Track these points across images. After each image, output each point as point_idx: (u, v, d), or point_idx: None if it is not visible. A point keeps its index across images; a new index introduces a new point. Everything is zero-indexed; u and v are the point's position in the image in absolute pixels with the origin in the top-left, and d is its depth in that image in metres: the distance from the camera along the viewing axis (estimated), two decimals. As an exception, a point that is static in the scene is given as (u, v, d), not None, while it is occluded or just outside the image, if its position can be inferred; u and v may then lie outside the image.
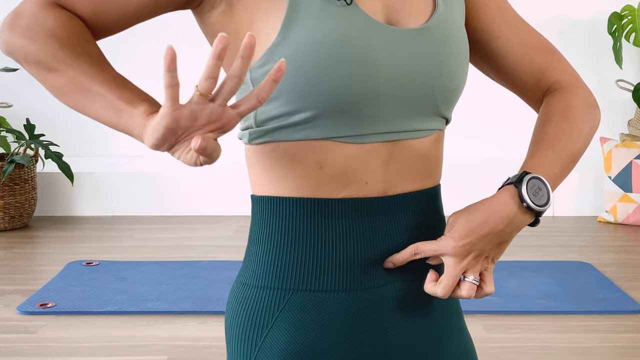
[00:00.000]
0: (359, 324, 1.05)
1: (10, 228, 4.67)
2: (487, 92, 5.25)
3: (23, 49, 0.97)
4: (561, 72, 1.14)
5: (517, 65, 1.14)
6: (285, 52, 0.97)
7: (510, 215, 1.02)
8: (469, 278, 1.03)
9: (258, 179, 1.07)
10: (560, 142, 1.08)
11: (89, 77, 0.96)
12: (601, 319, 3.20)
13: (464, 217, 1.03)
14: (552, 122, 1.09)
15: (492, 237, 1.02)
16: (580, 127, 1.10)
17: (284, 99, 0.99)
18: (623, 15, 4.85)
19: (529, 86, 1.15)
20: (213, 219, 4.83)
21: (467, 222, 1.02)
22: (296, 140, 1.01)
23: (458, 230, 1.02)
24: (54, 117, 5.03)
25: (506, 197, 1.02)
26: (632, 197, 4.64)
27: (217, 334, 3.03)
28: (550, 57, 1.14)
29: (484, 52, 1.15)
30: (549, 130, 1.09)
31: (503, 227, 1.02)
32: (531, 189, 1.02)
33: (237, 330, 1.07)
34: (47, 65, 0.97)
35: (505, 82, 1.17)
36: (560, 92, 1.12)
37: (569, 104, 1.11)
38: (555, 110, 1.11)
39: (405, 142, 1.05)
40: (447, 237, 1.03)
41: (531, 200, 1.01)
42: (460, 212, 1.04)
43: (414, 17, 1.04)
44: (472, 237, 1.02)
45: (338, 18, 0.98)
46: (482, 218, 1.02)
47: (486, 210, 1.02)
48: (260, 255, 1.07)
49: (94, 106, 0.96)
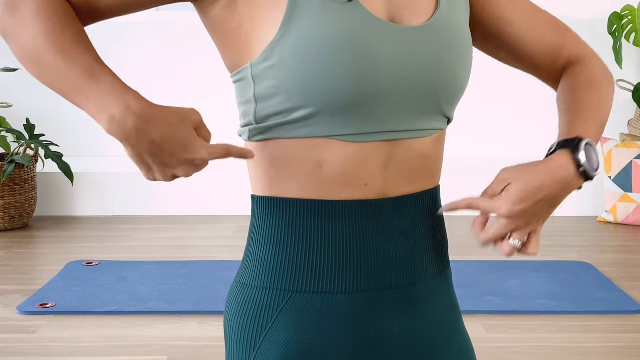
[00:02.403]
0: (358, 326, 1.05)
1: (10, 228, 4.66)
2: (486, 91, 5.24)
3: (18, 37, 0.96)
4: (577, 47, 1.18)
5: (533, 47, 1.17)
6: (286, 48, 0.97)
7: (568, 180, 1.04)
8: (515, 242, 1.05)
9: (258, 178, 1.07)
10: (595, 109, 1.12)
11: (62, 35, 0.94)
12: (601, 319, 3.20)
13: (521, 180, 1.04)
14: (582, 91, 1.13)
15: (547, 202, 1.05)
16: (606, 95, 1.15)
17: (284, 96, 0.99)
18: (623, 15, 4.84)
19: (546, 65, 1.18)
20: (213, 219, 4.83)
21: (525, 186, 1.03)
22: (296, 137, 1.01)
23: (515, 194, 1.03)
24: (54, 117, 5.03)
25: (563, 162, 1.04)
26: (632, 197, 4.64)
27: (217, 334, 3.03)
28: (563, 34, 1.18)
29: (499, 40, 1.17)
30: (583, 98, 1.13)
31: (558, 192, 1.05)
32: (587, 154, 1.05)
33: (236, 331, 1.07)
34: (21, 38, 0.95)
35: (522, 65, 1.19)
36: (581, 65, 1.17)
37: (592, 75, 1.15)
38: (582, 81, 1.14)
39: (406, 142, 1.04)
40: (503, 199, 1.04)
41: (587, 165, 1.04)
42: (515, 172, 1.05)
43: (416, 14, 1.04)
44: (528, 202, 1.03)
45: (339, 15, 0.97)
46: (539, 183, 1.03)
47: (544, 175, 1.04)
48: (259, 256, 1.07)
49: (62, 66, 0.93)
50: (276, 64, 0.97)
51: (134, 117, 0.90)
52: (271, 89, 0.99)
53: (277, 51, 0.97)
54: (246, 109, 1.04)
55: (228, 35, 1.02)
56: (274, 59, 0.97)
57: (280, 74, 0.97)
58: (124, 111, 0.91)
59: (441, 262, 1.13)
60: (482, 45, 1.18)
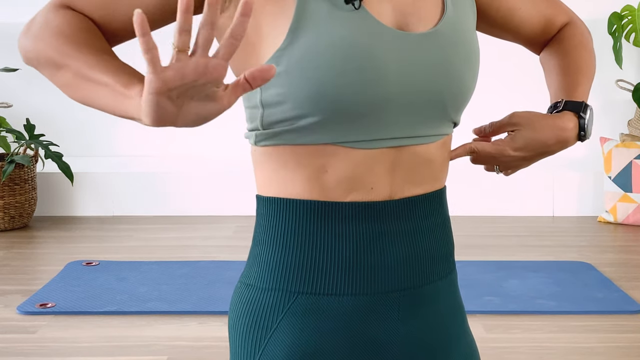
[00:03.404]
0: (364, 329, 1.04)
1: (10, 228, 4.66)
2: (486, 90, 5.24)
3: (34, 50, 0.98)
4: (565, 14, 1.24)
5: (533, 24, 1.22)
6: (292, 57, 0.96)
7: (567, 140, 1.13)
8: (496, 170, 1.17)
9: (264, 180, 1.07)
10: (589, 71, 1.20)
11: (89, 66, 0.94)
12: (601, 319, 3.20)
13: (529, 131, 1.11)
14: (575, 53, 1.21)
15: (542, 155, 1.14)
16: (594, 57, 1.22)
17: (291, 104, 0.98)
18: (623, 15, 4.84)
19: (537, 35, 1.24)
20: (213, 219, 4.83)
21: (531, 139, 1.11)
22: (302, 144, 1.01)
23: (519, 141, 1.12)
24: (54, 117, 5.03)
25: (571, 125, 1.12)
26: (632, 197, 4.64)
27: (217, 334, 3.03)
28: (553, 5, 1.24)
29: (506, 27, 1.21)
30: (578, 60, 1.20)
31: (555, 149, 1.13)
32: (589, 119, 1.13)
33: (241, 331, 1.07)
34: (54, 63, 0.97)
35: (512, 36, 1.24)
36: (568, 29, 1.24)
37: (581, 37, 1.23)
38: (574, 43, 1.22)
39: (412, 148, 1.04)
40: (505, 145, 1.13)
41: (588, 131, 1.13)
42: (526, 120, 1.12)
43: (423, 20, 1.04)
44: (527, 152, 1.12)
45: (346, 23, 0.97)
46: (544, 138, 1.11)
47: (551, 131, 1.11)
48: (265, 257, 1.06)
49: (98, 95, 0.94)
50: (283, 72, 0.97)
51: (156, 97, 0.82)
52: (278, 96, 0.99)
53: (284, 59, 0.97)
54: (252, 113, 1.04)
55: None
56: (281, 66, 0.97)
57: (287, 81, 0.97)
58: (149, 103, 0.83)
59: (447, 265, 1.12)
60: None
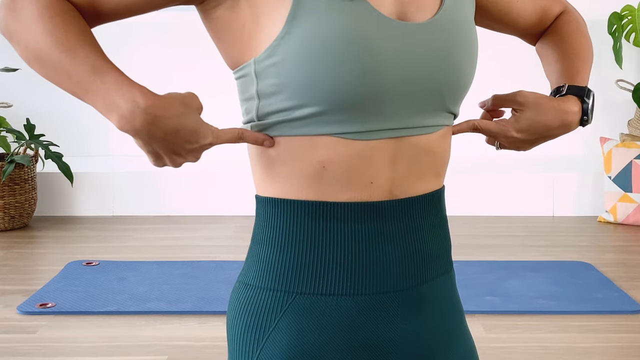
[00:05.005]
0: (363, 329, 1.04)
1: (10, 228, 4.66)
2: (493, 88, 5.22)
3: (13, 29, 0.96)
4: (558, 3, 1.25)
5: (530, 15, 1.23)
6: (290, 46, 0.96)
7: (570, 125, 1.14)
8: (496, 145, 1.18)
9: (261, 177, 1.07)
10: (587, 56, 1.21)
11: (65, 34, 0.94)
12: (601, 319, 3.20)
13: (534, 113, 1.12)
14: (573, 40, 1.22)
15: (544, 137, 1.15)
16: (590, 38, 1.23)
17: (287, 93, 0.98)
18: (623, 15, 4.85)
19: (534, 26, 1.25)
20: (213, 219, 4.83)
21: (535, 121, 1.12)
22: (299, 135, 1.01)
23: (524, 123, 1.13)
24: (54, 117, 5.03)
25: (575, 109, 1.13)
26: (632, 197, 4.64)
27: (217, 334, 3.03)
28: None
29: (504, 20, 1.22)
30: (576, 46, 1.21)
31: (557, 132, 1.14)
32: (592, 104, 1.15)
33: (239, 331, 1.07)
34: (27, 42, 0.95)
35: (508, 28, 1.24)
36: (563, 16, 1.25)
37: (577, 23, 1.24)
38: (571, 30, 1.23)
39: (412, 139, 1.04)
40: (508, 126, 1.14)
41: (590, 116, 1.15)
42: (532, 100, 1.13)
43: (422, 10, 1.04)
44: (531, 134, 1.13)
45: (345, 12, 0.97)
46: (548, 122, 1.12)
47: (555, 115, 1.12)
48: (263, 257, 1.06)
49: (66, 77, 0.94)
50: (280, 62, 0.97)
51: (142, 114, 0.90)
52: (274, 86, 0.99)
53: (281, 48, 0.97)
54: (249, 105, 1.04)
55: (230, 34, 1.01)
56: (278, 56, 0.97)
57: (284, 71, 0.97)
58: (131, 109, 0.90)
59: (445, 263, 1.13)
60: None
